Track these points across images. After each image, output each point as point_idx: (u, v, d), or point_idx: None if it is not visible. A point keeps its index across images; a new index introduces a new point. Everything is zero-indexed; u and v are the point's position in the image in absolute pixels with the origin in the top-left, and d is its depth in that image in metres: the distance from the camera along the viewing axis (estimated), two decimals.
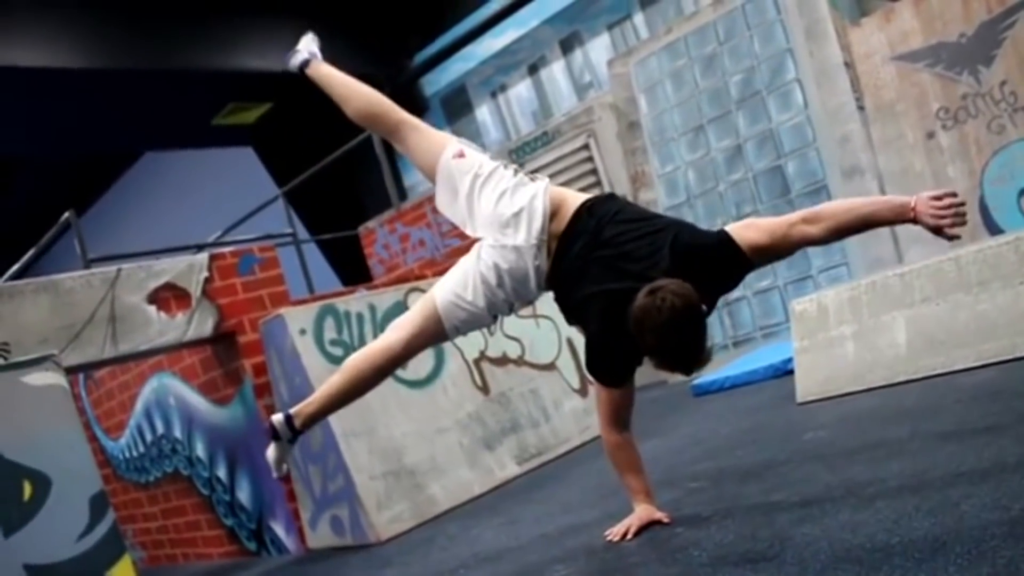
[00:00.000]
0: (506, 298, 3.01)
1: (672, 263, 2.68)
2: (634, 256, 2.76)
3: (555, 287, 3.00)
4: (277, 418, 3.16)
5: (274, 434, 3.16)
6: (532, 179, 3.03)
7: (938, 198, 2.55)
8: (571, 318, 3.03)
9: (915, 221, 2.59)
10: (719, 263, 2.74)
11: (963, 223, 2.56)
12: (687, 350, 2.64)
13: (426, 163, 3.15)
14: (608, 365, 2.91)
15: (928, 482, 2.54)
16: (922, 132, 6.93)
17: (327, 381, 3.23)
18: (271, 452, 3.19)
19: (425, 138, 3.18)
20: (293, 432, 3.14)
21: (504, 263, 2.94)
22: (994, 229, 6.50)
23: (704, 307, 2.63)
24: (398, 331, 3.10)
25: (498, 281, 2.96)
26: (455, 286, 3.02)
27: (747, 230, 2.75)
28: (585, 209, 2.94)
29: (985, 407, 3.29)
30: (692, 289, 2.56)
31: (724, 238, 2.74)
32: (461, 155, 3.07)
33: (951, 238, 2.58)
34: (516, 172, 3.04)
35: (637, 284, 2.61)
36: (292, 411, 3.16)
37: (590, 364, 2.98)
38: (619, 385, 2.93)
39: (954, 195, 2.56)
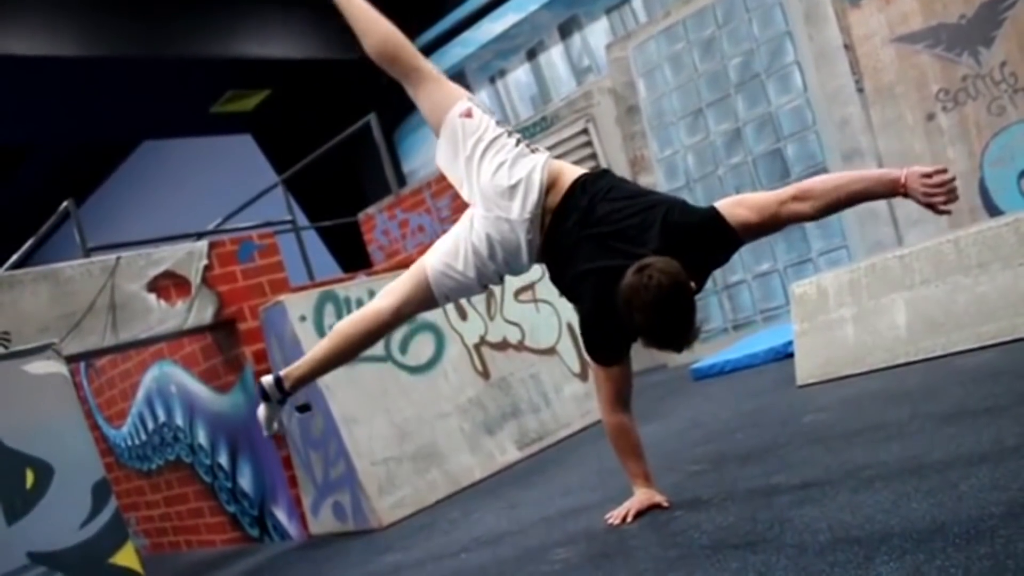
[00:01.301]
0: (496, 269, 3.03)
1: (662, 241, 2.68)
2: (625, 234, 2.76)
3: (547, 262, 3.03)
4: (267, 380, 3.19)
5: (264, 395, 3.19)
6: (533, 151, 3.02)
7: (928, 175, 2.55)
8: (565, 294, 3.05)
9: (906, 196, 2.59)
10: (709, 240, 2.74)
11: (955, 199, 2.56)
12: (676, 328, 2.64)
13: (433, 115, 3.11)
14: (603, 343, 2.92)
15: (927, 464, 2.55)
16: (922, 114, 6.90)
17: (317, 344, 3.27)
18: (262, 412, 3.23)
19: (438, 89, 3.13)
20: (283, 393, 3.18)
21: (496, 235, 2.94)
22: (994, 211, 6.48)
23: (693, 284, 2.63)
24: (388, 297, 3.12)
25: (489, 252, 2.97)
26: (446, 256, 3.03)
27: (737, 207, 2.74)
28: (579, 185, 2.94)
29: (985, 389, 3.29)
30: (680, 266, 2.57)
31: (714, 215, 2.74)
32: (468, 115, 3.04)
33: (943, 213, 2.58)
34: (519, 142, 3.02)
35: (627, 262, 2.62)
36: (282, 373, 3.20)
37: (586, 342, 3.00)
38: (615, 362, 2.94)
39: (944, 171, 2.55)
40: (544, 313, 6.02)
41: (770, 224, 2.74)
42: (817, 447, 3.21)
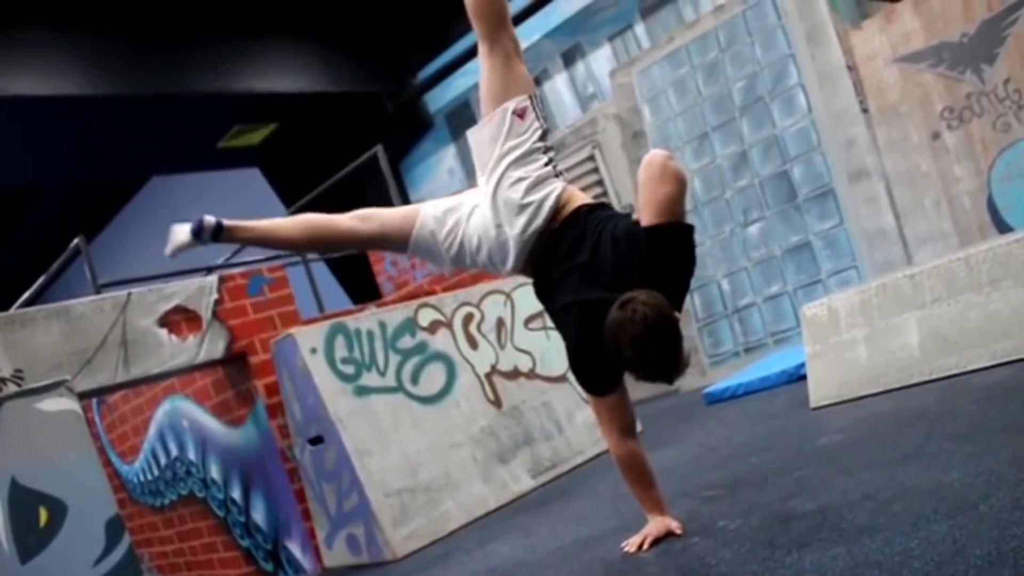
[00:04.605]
0: (473, 263, 3.09)
1: (641, 271, 2.69)
2: (606, 268, 2.80)
3: (534, 279, 3.07)
4: (210, 220, 3.03)
5: (198, 230, 3.03)
6: (557, 174, 3.02)
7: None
8: (550, 316, 3.09)
9: None
10: (672, 250, 2.74)
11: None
12: (664, 360, 2.65)
13: (491, 91, 3.03)
14: (593, 374, 2.93)
15: (946, 484, 2.52)
16: (927, 133, 6.91)
17: (279, 221, 3.21)
18: (183, 236, 3.07)
19: (508, 68, 3.01)
20: (214, 239, 3.06)
21: (489, 241, 3.00)
22: (1003, 227, 6.47)
23: (677, 314, 2.65)
24: (368, 223, 3.12)
25: (476, 249, 3.03)
26: (440, 227, 3.06)
27: (652, 213, 2.71)
28: (576, 215, 2.96)
29: (1001, 407, 3.27)
30: (663, 298, 2.60)
31: (652, 229, 2.71)
32: (522, 115, 2.99)
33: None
34: (549, 162, 3.01)
35: (610, 295, 2.65)
36: (227, 223, 3.07)
37: (577, 374, 3.02)
38: (610, 391, 2.94)
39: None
40: (554, 340, 5.97)
41: (650, 188, 2.72)
42: (833, 470, 3.18)
